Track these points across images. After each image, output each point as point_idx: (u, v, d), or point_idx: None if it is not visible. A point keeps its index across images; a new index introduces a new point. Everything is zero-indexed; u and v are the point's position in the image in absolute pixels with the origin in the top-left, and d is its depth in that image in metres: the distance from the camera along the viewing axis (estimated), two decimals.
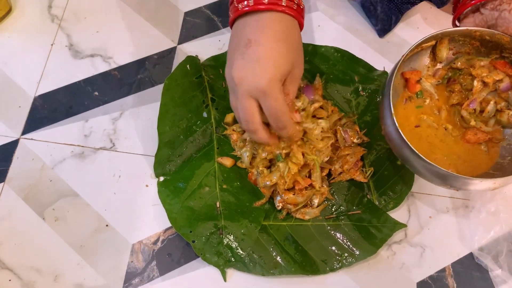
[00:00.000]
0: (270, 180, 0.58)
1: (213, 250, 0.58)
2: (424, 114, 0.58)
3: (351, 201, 0.61)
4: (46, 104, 0.67)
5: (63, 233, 0.60)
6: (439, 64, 0.60)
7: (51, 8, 0.73)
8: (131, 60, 0.70)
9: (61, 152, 0.64)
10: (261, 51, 0.48)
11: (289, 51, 0.50)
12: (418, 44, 0.54)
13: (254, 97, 0.49)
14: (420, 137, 0.57)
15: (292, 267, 0.57)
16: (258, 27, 0.49)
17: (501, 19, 0.53)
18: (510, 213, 0.60)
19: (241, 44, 0.50)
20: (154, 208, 0.61)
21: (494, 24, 0.54)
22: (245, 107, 0.50)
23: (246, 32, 0.50)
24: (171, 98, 0.64)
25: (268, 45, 0.49)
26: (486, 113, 0.56)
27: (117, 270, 0.58)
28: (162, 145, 0.62)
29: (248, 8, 0.50)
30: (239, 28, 0.51)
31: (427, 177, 0.53)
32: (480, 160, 0.56)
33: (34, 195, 0.61)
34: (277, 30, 0.50)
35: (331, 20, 0.74)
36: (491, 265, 0.59)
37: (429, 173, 0.51)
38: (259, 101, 0.50)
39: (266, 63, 0.48)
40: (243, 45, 0.49)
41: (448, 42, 0.57)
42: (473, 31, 0.55)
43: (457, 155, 0.56)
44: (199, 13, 0.74)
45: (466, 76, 0.58)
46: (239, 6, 0.51)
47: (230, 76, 0.50)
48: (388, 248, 0.60)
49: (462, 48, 0.58)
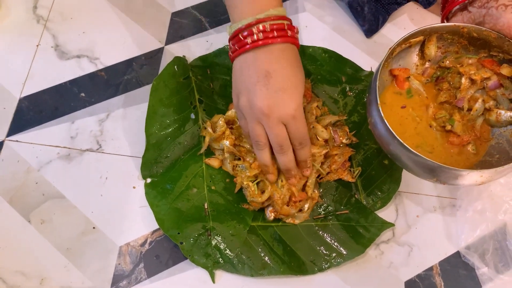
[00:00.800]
0: (260, 199, 0.58)
1: (202, 252, 0.57)
2: (412, 110, 0.58)
3: (339, 201, 0.61)
4: (31, 106, 0.66)
5: (49, 236, 0.59)
6: (428, 63, 0.60)
7: (36, 9, 0.72)
8: (118, 61, 0.69)
9: (47, 154, 0.63)
10: (283, 81, 0.52)
11: (301, 74, 0.55)
12: (406, 38, 0.54)
13: (284, 122, 0.53)
14: (405, 132, 0.57)
15: (281, 268, 0.57)
16: (271, 58, 0.52)
17: (489, 16, 0.53)
18: (496, 212, 0.60)
19: (259, 76, 0.52)
20: (141, 210, 0.61)
21: (481, 22, 0.54)
22: (278, 133, 0.53)
23: (261, 64, 0.52)
24: (158, 99, 0.64)
25: (286, 74, 0.53)
26: (474, 111, 0.57)
27: (105, 272, 0.58)
28: (149, 147, 0.62)
29: (262, 42, 0.52)
30: (248, 60, 0.53)
31: (413, 170, 0.53)
32: (467, 157, 0.57)
33: (19, 198, 0.61)
34: (289, 58, 0.53)
35: (318, 21, 0.74)
36: (478, 263, 0.59)
37: (415, 166, 0.51)
38: (288, 126, 0.53)
39: (291, 91, 0.52)
40: (262, 77, 0.52)
41: (437, 40, 0.58)
42: (461, 27, 0.55)
43: (442, 153, 0.57)
44: (187, 14, 0.73)
45: (454, 75, 0.58)
46: (248, 40, 0.52)
47: (255, 105, 0.52)
48: (376, 247, 0.61)
49: (451, 47, 0.58)
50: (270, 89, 0.52)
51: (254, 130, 0.54)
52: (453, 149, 0.57)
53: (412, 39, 0.56)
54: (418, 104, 0.59)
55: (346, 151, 0.61)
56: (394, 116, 0.57)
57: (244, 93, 0.54)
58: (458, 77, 0.58)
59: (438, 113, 0.58)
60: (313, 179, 0.59)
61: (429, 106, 0.58)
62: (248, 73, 0.53)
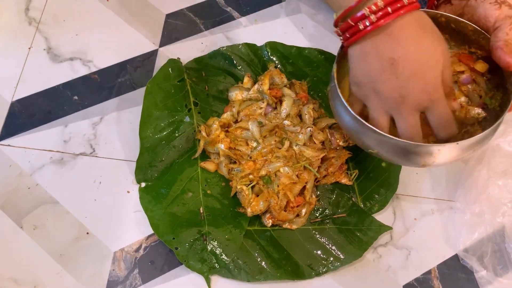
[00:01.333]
0: (257, 207, 0.57)
1: (197, 257, 0.56)
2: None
3: (336, 204, 0.60)
4: (23, 109, 0.65)
5: (42, 242, 0.58)
6: None
7: (28, 11, 0.71)
8: (111, 63, 0.69)
9: (40, 159, 0.62)
10: (411, 65, 0.46)
11: (431, 46, 0.47)
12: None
13: (421, 110, 0.49)
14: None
15: (278, 272, 0.56)
16: (392, 42, 0.47)
17: (468, 7, 0.53)
18: (494, 214, 0.60)
19: (384, 65, 0.47)
20: (136, 215, 0.60)
21: (462, 14, 0.54)
22: (411, 124, 0.49)
23: (382, 51, 0.47)
24: (153, 102, 0.63)
25: (413, 57, 0.46)
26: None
27: (99, 278, 0.57)
28: (143, 150, 0.61)
29: (372, 26, 0.46)
30: (368, 49, 0.48)
31: (389, 156, 0.51)
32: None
33: (11, 203, 0.60)
34: (412, 35, 0.47)
35: (314, 22, 0.74)
36: (476, 266, 0.59)
37: (390, 150, 0.50)
38: (427, 112, 0.49)
39: (422, 74, 0.47)
40: (387, 66, 0.47)
41: None
42: (439, 16, 0.54)
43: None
44: (181, 15, 0.73)
45: None
46: (360, 26, 0.47)
47: (384, 97, 0.48)
48: (373, 251, 0.60)
49: None
50: (399, 78, 0.47)
51: (378, 121, 0.50)
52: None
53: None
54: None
55: (343, 153, 0.61)
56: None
57: (368, 85, 0.49)
58: None
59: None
60: (311, 184, 0.58)
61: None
62: (370, 63, 0.48)
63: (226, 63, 0.67)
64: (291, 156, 0.59)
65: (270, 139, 0.60)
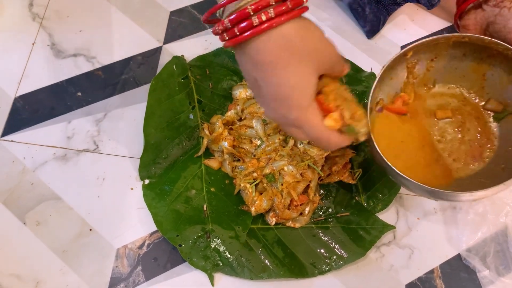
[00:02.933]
0: (261, 205, 0.57)
1: (201, 254, 0.56)
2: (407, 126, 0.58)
3: (339, 203, 0.60)
4: (27, 105, 0.65)
5: (45, 238, 0.58)
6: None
7: (32, 6, 0.71)
8: (115, 60, 0.68)
9: (43, 155, 0.62)
10: (272, 91, 0.41)
11: (297, 70, 0.40)
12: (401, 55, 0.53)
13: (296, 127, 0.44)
14: (400, 148, 0.56)
15: (281, 271, 0.56)
16: (252, 65, 0.41)
17: (500, 16, 0.52)
18: (497, 214, 0.60)
19: (250, 83, 0.43)
20: (139, 212, 0.60)
21: (493, 21, 0.53)
22: (298, 133, 0.45)
23: (247, 69, 0.42)
24: (157, 99, 0.63)
25: (276, 81, 0.40)
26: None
27: (101, 275, 0.57)
28: (147, 147, 0.61)
29: (233, 40, 0.40)
30: (237, 58, 0.43)
31: (415, 192, 0.53)
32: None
33: (14, 199, 0.59)
34: (272, 62, 0.40)
35: (318, 20, 0.73)
36: (479, 266, 0.59)
37: (416, 189, 0.51)
38: (301, 128, 0.44)
39: (286, 99, 0.41)
40: (255, 87, 0.43)
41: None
42: (461, 37, 0.53)
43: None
44: (185, 13, 0.73)
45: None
46: (225, 35, 0.41)
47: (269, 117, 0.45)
48: (376, 250, 0.60)
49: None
50: (265, 102, 0.43)
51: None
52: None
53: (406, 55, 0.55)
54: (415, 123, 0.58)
55: (347, 152, 0.61)
56: (391, 129, 0.57)
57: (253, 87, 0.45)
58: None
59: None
60: (315, 183, 0.58)
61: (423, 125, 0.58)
62: (246, 77, 0.44)
63: (230, 61, 0.67)
64: (295, 154, 0.59)
65: (274, 137, 0.60)
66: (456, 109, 0.59)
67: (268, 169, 0.58)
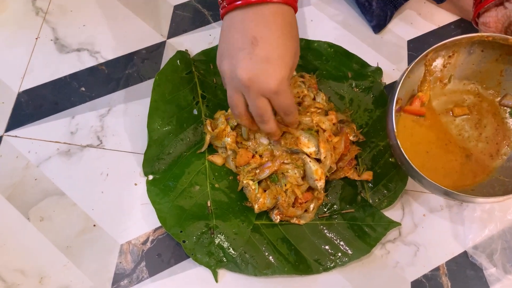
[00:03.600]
0: (264, 203, 0.56)
1: (204, 250, 0.56)
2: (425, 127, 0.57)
3: (344, 199, 0.60)
4: (30, 100, 0.64)
5: (49, 234, 0.58)
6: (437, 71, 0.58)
7: (35, 1, 0.71)
8: (119, 55, 0.68)
9: (47, 150, 0.62)
10: (270, 50, 0.46)
11: (293, 44, 0.48)
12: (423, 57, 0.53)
13: (266, 96, 0.48)
14: (419, 146, 0.56)
15: (285, 267, 0.56)
16: (261, 22, 0.46)
17: None
18: (505, 211, 0.59)
19: (245, 41, 0.47)
20: (143, 208, 0.59)
21: None
22: (259, 106, 0.49)
23: (248, 27, 0.47)
24: (161, 95, 0.62)
25: (275, 42, 0.46)
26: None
27: (105, 271, 0.57)
28: (151, 143, 0.60)
29: (243, 0, 0.46)
30: (236, 21, 0.48)
31: (431, 191, 0.53)
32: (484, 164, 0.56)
33: (18, 194, 0.59)
34: (281, 24, 0.47)
35: (324, 15, 0.73)
36: (486, 263, 0.58)
37: (435, 190, 0.51)
38: (270, 99, 0.49)
39: (276, 63, 0.46)
40: (247, 43, 0.46)
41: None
42: (485, 36, 0.52)
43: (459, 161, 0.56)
44: (189, 7, 0.72)
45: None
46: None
47: (236, 76, 0.47)
48: (382, 247, 0.59)
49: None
50: (253, 59, 0.46)
51: (232, 98, 0.50)
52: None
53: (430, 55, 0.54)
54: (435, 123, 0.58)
55: (352, 149, 0.60)
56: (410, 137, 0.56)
57: (228, 58, 0.48)
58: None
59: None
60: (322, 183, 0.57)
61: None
62: (234, 36, 0.48)
63: None
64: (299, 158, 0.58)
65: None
66: (472, 105, 0.58)
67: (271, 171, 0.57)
